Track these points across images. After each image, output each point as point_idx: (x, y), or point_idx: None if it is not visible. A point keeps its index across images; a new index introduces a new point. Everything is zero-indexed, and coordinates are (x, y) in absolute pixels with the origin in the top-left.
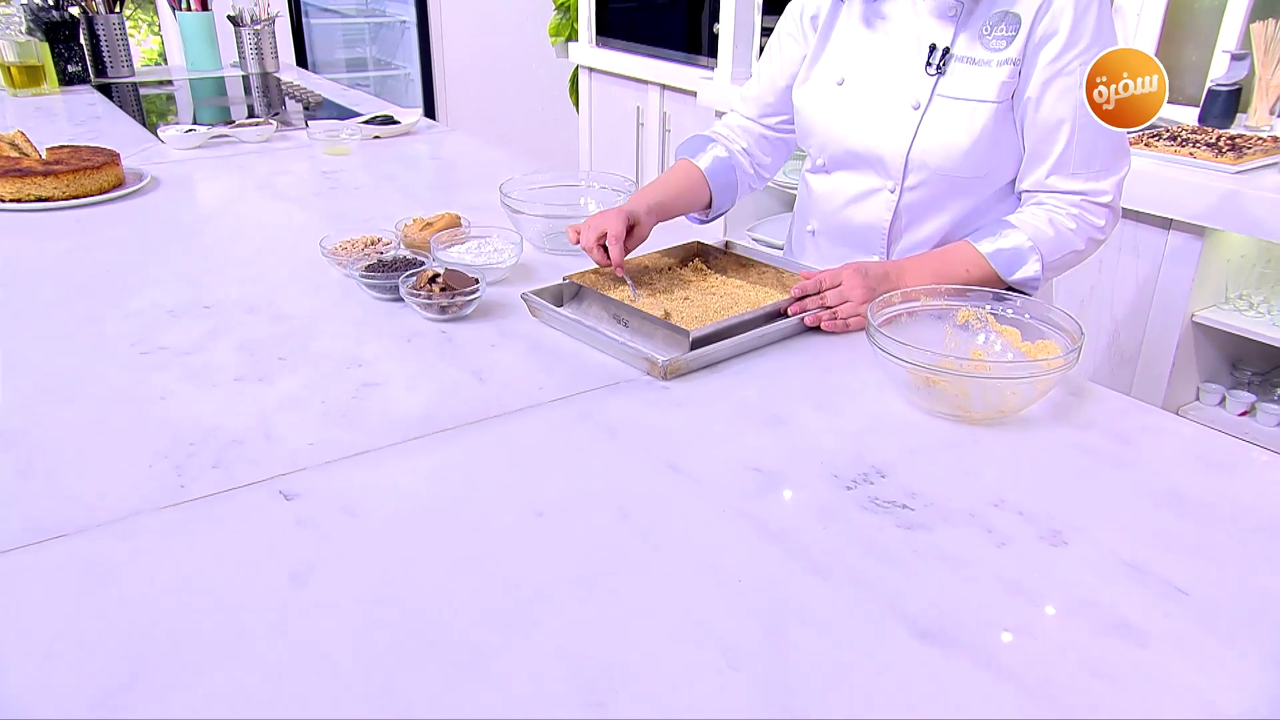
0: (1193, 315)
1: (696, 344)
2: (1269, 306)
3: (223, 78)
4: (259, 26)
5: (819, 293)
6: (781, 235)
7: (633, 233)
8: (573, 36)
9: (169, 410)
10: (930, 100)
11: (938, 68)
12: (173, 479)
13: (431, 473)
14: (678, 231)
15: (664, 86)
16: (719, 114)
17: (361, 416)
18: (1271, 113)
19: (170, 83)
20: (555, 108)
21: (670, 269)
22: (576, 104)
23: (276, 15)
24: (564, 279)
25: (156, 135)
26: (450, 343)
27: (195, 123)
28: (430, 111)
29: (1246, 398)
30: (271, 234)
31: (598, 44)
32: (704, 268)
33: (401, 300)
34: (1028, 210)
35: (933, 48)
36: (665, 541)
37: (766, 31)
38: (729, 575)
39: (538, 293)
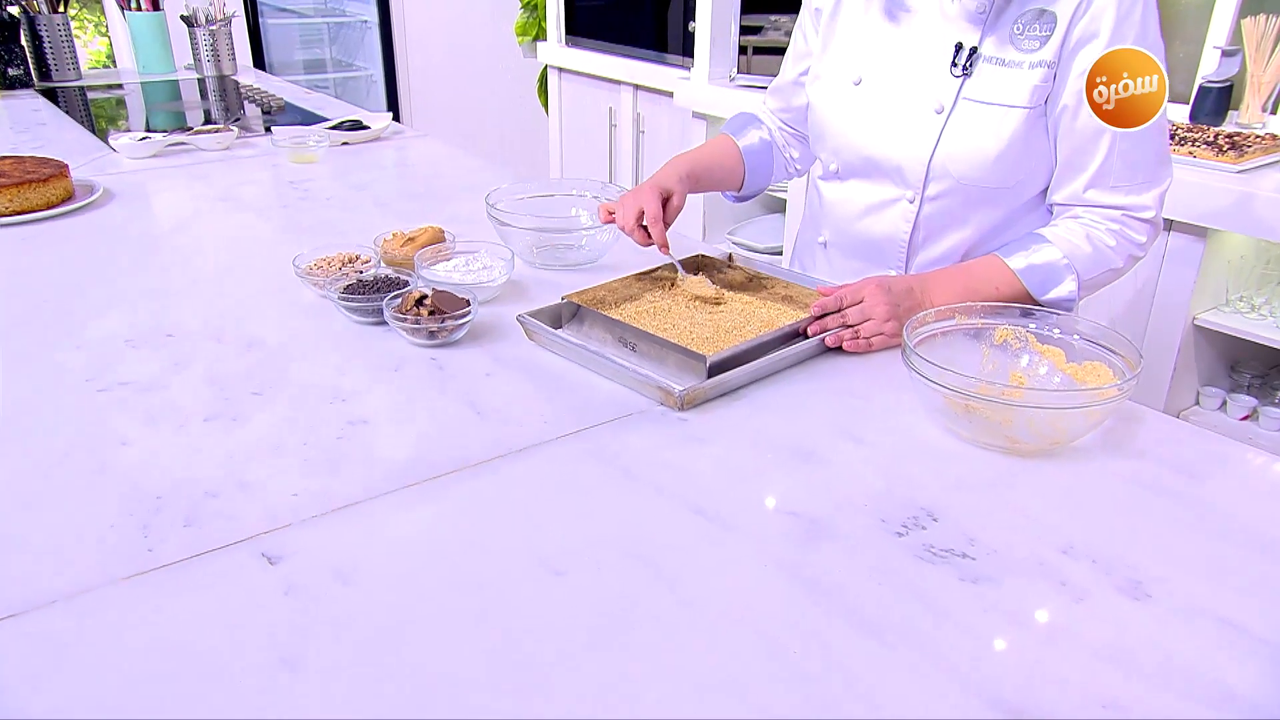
0: (1194, 318)
1: (714, 370)
2: (1271, 308)
3: (177, 81)
4: (215, 27)
5: (839, 310)
6: (762, 239)
7: (667, 205)
8: (540, 36)
9: (131, 458)
10: (955, 104)
11: (964, 69)
12: (138, 541)
13: (431, 527)
14: (680, 243)
15: (637, 87)
16: (696, 115)
17: (348, 460)
18: (1264, 109)
19: (120, 86)
20: (524, 109)
21: (672, 285)
22: (546, 105)
23: (233, 15)
24: (562, 299)
25: (108, 143)
26: (441, 371)
27: (149, 129)
28: (394, 114)
29: (1248, 401)
30: (237, 251)
31: (567, 43)
32: (708, 283)
33: (384, 323)
34: (1063, 224)
35: (959, 47)
36: (703, 603)
37: (746, 30)
38: (779, 644)
39: (534, 314)
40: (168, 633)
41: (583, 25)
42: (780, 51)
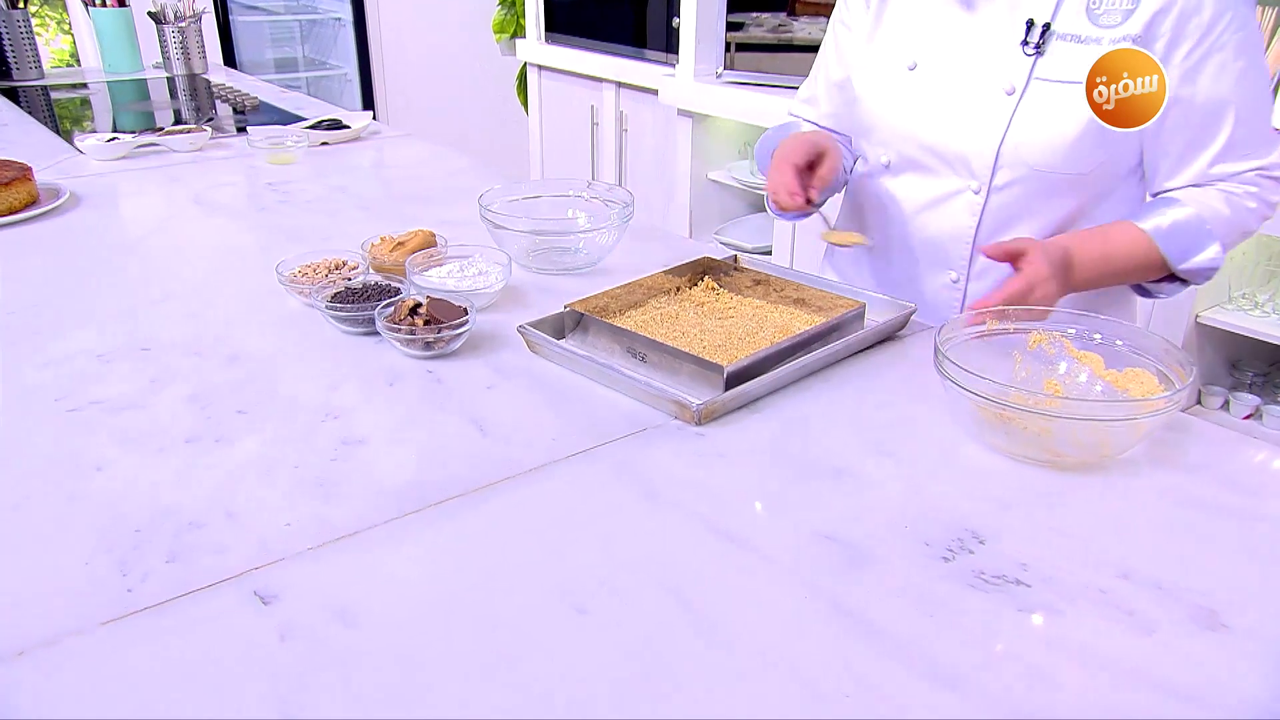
0: (1196, 316)
1: (731, 380)
2: (1274, 305)
3: (145, 80)
4: (184, 24)
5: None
6: (750, 238)
7: (819, 166)
8: (518, 33)
9: (106, 485)
10: (1027, 84)
11: (1036, 47)
12: (116, 580)
13: (439, 559)
14: (678, 246)
15: (620, 84)
16: (682, 112)
17: (345, 485)
18: None
19: (85, 86)
20: (503, 108)
21: (678, 290)
22: (525, 104)
23: (203, 11)
24: (565, 308)
25: (73, 145)
26: (439, 385)
27: (116, 130)
28: (371, 114)
29: (1250, 400)
30: (215, 257)
31: (547, 40)
32: (716, 288)
33: (376, 334)
34: (1190, 191)
35: (1030, 24)
36: (741, 643)
37: (728, 27)
38: (828, 688)
39: (536, 325)
40: (150, 685)
41: (563, 22)
42: (764, 49)
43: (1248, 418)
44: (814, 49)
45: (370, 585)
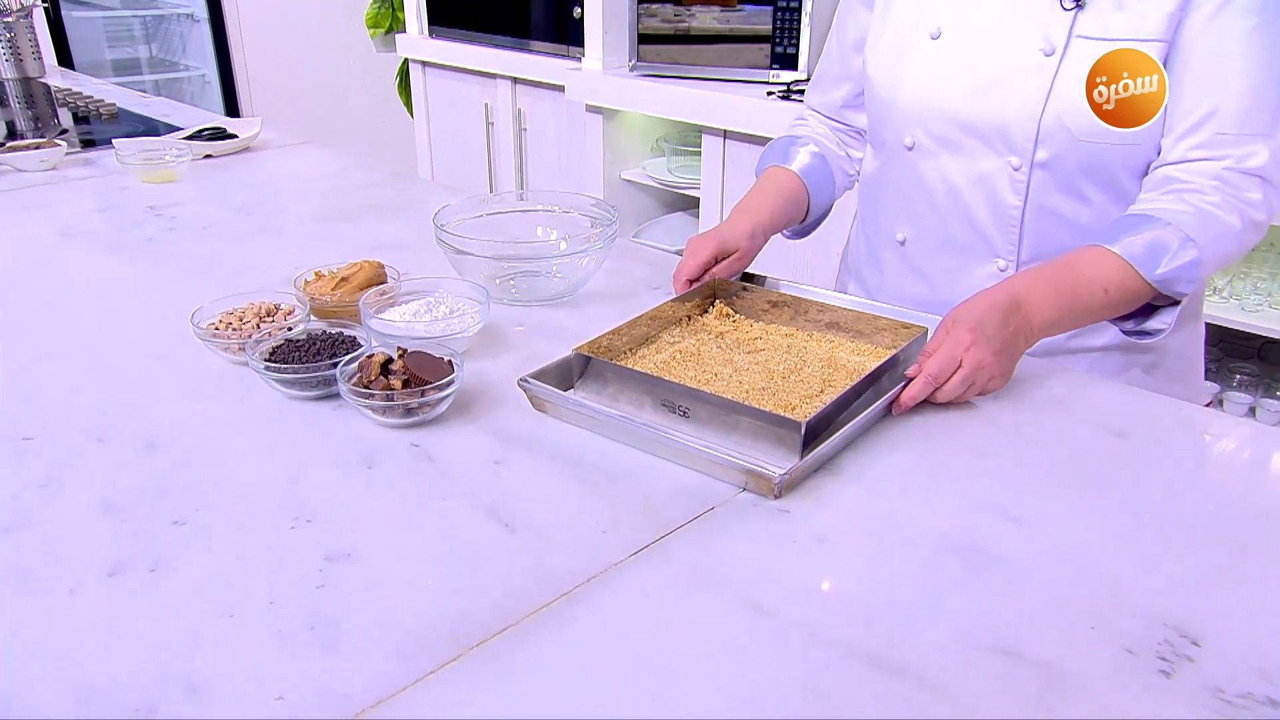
0: None
1: (807, 439)
2: (1262, 299)
3: None
4: (11, 18)
5: (937, 378)
6: (670, 239)
7: (726, 259)
8: (395, 26)
9: (1, 654)
10: (1068, 43)
11: (1076, 1)
12: None
13: None
14: (661, 262)
15: (516, 80)
16: (591, 109)
17: (345, 625)
18: None
19: None
20: (384, 109)
21: (689, 319)
22: (408, 103)
23: (33, 5)
24: (573, 351)
25: None
26: (432, 464)
27: None
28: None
29: (1243, 399)
30: (100, 303)
31: (431, 34)
32: (731, 313)
33: (332, 396)
34: (1147, 196)
35: None
36: None
37: (642, 16)
38: None
39: (539, 376)
40: None
41: (446, 13)
42: (663, 40)
43: (1242, 416)
44: (713, 39)
45: None
